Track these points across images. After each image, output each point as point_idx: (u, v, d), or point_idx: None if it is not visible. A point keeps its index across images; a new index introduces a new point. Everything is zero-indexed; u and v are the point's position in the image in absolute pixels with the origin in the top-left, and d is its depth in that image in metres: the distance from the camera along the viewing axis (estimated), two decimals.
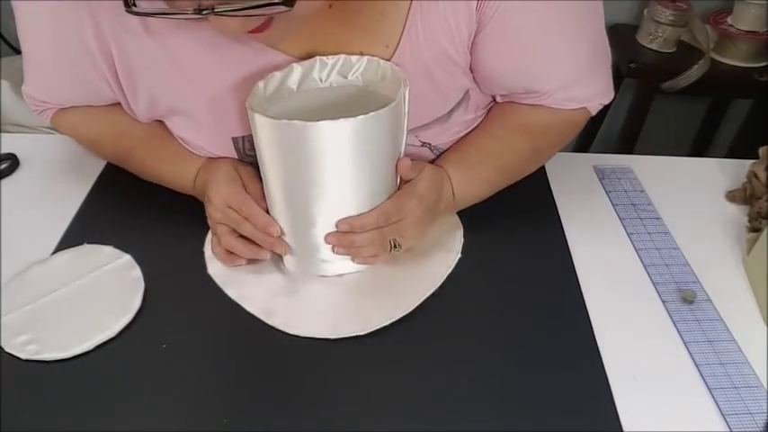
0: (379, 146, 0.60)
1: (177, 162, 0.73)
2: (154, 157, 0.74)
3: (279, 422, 0.55)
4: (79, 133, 0.77)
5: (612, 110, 1.94)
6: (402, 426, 0.55)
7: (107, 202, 0.77)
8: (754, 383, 0.60)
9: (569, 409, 0.57)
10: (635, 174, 0.86)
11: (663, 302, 0.68)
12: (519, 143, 0.73)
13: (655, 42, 1.67)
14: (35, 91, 0.73)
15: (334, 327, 0.62)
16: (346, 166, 0.58)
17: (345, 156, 0.58)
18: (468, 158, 0.72)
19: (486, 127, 0.74)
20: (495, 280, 0.69)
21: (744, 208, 0.82)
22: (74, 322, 0.61)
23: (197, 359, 0.59)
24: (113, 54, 0.63)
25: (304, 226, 0.63)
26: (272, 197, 0.64)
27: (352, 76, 0.64)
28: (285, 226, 0.65)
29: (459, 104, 0.70)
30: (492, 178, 0.73)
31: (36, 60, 0.69)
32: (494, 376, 0.59)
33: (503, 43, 0.64)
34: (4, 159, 0.81)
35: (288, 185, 0.61)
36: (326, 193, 0.60)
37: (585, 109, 0.73)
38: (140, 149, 0.74)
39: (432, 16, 0.62)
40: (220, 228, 0.67)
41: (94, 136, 0.76)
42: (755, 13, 1.61)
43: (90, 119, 0.75)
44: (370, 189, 0.62)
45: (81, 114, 0.74)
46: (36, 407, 0.55)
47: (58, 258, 0.68)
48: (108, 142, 0.76)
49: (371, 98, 0.64)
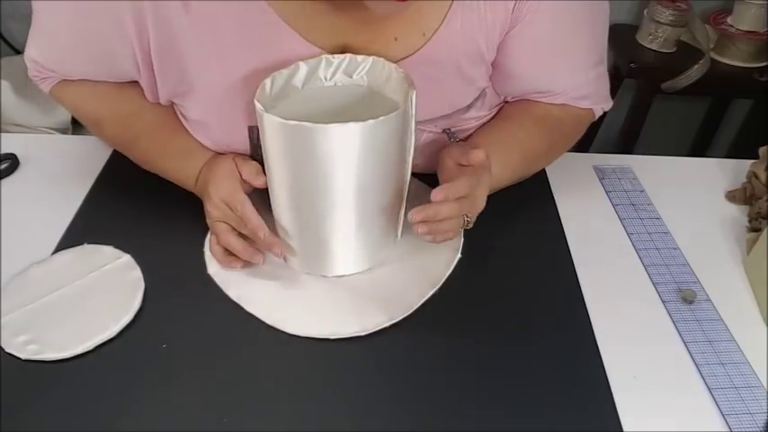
0: (387, 149, 0.60)
1: (182, 156, 0.72)
2: (159, 148, 0.73)
3: (279, 422, 0.55)
4: (81, 109, 0.75)
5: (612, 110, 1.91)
6: (401, 425, 0.55)
7: (107, 202, 0.77)
8: (754, 383, 0.60)
9: (569, 409, 0.57)
10: (635, 174, 0.86)
11: (663, 302, 0.68)
12: (539, 134, 0.75)
13: (655, 42, 1.67)
14: (42, 57, 0.69)
15: (335, 327, 0.62)
16: (353, 168, 0.58)
17: (353, 158, 0.57)
18: (502, 142, 0.73)
19: (511, 115, 0.76)
20: (495, 280, 0.69)
21: (744, 208, 0.82)
22: (74, 322, 0.61)
23: (197, 359, 0.59)
24: (149, 28, 0.61)
25: (309, 225, 0.63)
26: (277, 196, 0.63)
27: (357, 76, 0.64)
28: (290, 225, 0.65)
29: (476, 101, 0.72)
30: (518, 165, 0.75)
31: (51, 25, 0.66)
32: (494, 376, 0.59)
33: (531, 43, 0.67)
34: (4, 159, 0.81)
35: (294, 185, 0.61)
36: (333, 194, 0.60)
37: (591, 110, 0.78)
38: (146, 138, 0.73)
39: (471, 13, 0.64)
40: (219, 225, 0.67)
41: (97, 115, 0.74)
42: (755, 13, 1.61)
43: (97, 96, 0.72)
44: (378, 191, 0.62)
45: (88, 90, 0.72)
46: (36, 407, 0.55)
47: (58, 258, 0.68)
48: (111, 124, 0.74)
49: (376, 99, 0.64)
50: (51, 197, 0.77)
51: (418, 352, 0.61)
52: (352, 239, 0.65)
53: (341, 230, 0.63)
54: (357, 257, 0.67)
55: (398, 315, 0.63)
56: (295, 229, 0.65)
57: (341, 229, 0.63)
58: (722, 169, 0.88)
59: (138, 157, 0.75)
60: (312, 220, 0.63)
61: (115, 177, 0.80)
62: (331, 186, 0.59)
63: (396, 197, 0.65)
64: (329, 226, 0.63)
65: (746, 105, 1.93)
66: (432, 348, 0.61)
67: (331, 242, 0.64)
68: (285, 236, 0.66)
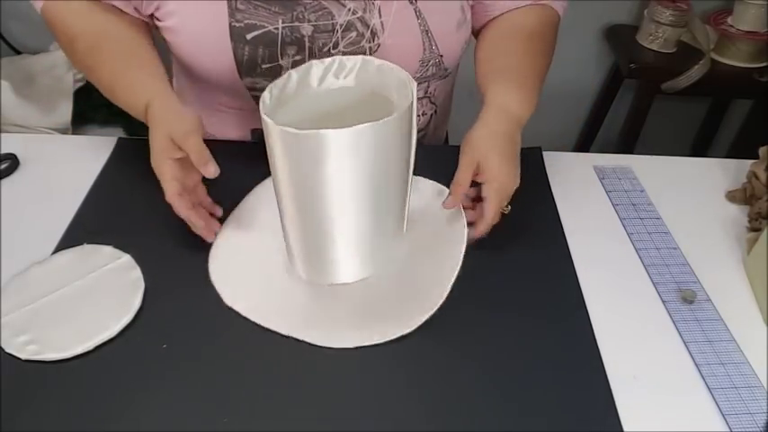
0: (393, 148, 0.59)
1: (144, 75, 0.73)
2: (124, 63, 0.74)
3: (279, 422, 0.55)
4: (61, 25, 0.78)
5: (612, 110, 1.94)
6: (401, 425, 0.55)
7: (107, 202, 0.77)
8: (754, 383, 0.60)
9: (569, 409, 0.57)
10: (635, 174, 0.86)
11: (663, 302, 0.68)
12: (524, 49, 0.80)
13: (655, 43, 1.67)
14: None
15: (337, 338, 0.61)
16: (353, 172, 0.58)
17: (351, 163, 0.57)
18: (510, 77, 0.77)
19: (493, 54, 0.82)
20: (494, 280, 0.69)
21: (744, 208, 0.82)
22: (74, 322, 0.61)
23: (197, 359, 0.59)
24: None
25: (315, 232, 0.63)
26: (283, 204, 0.63)
27: (346, 78, 0.64)
28: (295, 232, 0.64)
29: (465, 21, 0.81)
30: (531, 87, 0.77)
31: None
32: (493, 376, 0.59)
33: None
34: (4, 159, 0.81)
35: (299, 192, 0.60)
36: (339, 199, 0.59)
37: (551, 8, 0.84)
38: (110, 63, 0.75)
39: None
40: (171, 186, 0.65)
41: (73, 32, 0.77)
42: (755, 14, 1.61)
43: (74, 12, 0.76)
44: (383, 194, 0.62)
45: (68, 7, 0.77)
46: (36, 407, 0.55)
47: (58, 258, 0.68)
48: (82, 42, 0.76)
49: (372, 99, 0.64)
50: (51, 197, 0.77)
51: (417, 351, 0.61)
52: (353, 246, 0.64)
53: (344, 237, 0.63)
54: (361, 264, 0.66)
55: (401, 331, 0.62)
56: (303, 234, 0.64)
57: (344, 235, 0.63)
58: (722, 169, 0.88)
59: (102, 81, 0.76)
60: (315, 227, 0.62)
61: (115, 177, 0.80)
62: (338, 190, 0.59)
63: (400, 200, 0.65)
64: (336, 230, 0.62)
65: (746, 105, 1.94)
66: (431, 348, 0.61)
67: (333, 249, 0.64)
68: (293, 243, 0.66)
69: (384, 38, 0.78)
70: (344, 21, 0.77)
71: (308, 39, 0.77)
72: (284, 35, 0.76)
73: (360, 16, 0.77)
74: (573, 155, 0.89)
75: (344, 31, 0.77)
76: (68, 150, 0.86)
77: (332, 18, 0.77)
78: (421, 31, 0.78)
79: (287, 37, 0.76)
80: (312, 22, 0.76)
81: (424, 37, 0.79)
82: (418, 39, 0.78)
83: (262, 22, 0.75)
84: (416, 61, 0.80)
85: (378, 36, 0.78)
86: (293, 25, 0.76)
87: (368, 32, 0.77)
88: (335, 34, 0.77)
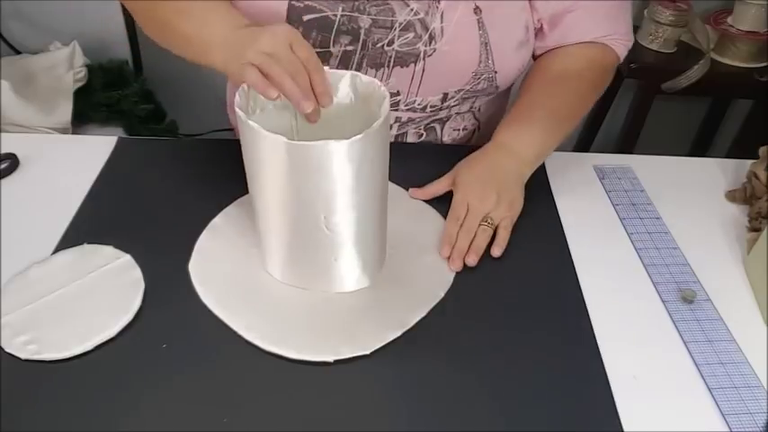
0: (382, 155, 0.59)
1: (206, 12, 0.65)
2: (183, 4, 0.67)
3: (279, 422, 0.55)
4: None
5: (612, 110, 1.94)
6: (400, 425, 0.55)
7: (107, 202, 0.77)
8: (754, 383, 0.60)
9: (569, 409, 0.57)
10: (635, 174, 0.86)
11: (663, 302, 0.68)
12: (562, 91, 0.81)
13: (655, 42, 1.67)
14: None
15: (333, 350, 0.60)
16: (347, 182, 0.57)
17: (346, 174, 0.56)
18: (519, 116, 0.79)
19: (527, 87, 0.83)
20: (494, 280, 0.69)
21: (744, 208, 0.82)
22: (74, 322, 0.61)
23: (197, 359, 0.59)
24: None
25: (301, 242, 0.62)
26: (268, 212, 0.62)
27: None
28: (279, 242, 0.63)
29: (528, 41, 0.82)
30: (548, 129, 0.79)
31: None
32: (493, 377, 0.59)
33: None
34: (4, 159, 0.81)
35: (286, 200, 0.59)
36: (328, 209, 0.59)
37: (611, 49, 0.84)
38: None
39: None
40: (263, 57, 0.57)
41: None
42: (755, 14, 1.61)
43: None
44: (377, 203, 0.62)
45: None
46: (36, 407, 0.55)
47: (58, 258, 0.68)
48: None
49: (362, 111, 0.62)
50: (51, 197, 0.77)
51: (417, 351, 0.61)
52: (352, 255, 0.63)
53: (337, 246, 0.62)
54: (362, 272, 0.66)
55: (396, 333, 0.61)
56: (288, 245, 0.63)
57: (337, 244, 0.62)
58: (722, 169, 0.88)
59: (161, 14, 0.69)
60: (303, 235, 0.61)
61: (115, 177, 0.80)
62: (330, 200, 0.58)
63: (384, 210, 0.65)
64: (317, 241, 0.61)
65: (746, 105, 1.94)
66: (430, 348, 0.61)
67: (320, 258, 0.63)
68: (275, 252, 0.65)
69: (441, 43, 0.77)
70: (404, 20, 0.76)
71: (365, 31, 0.76)
72: (341, 23, 0.75)
73: (421, 18, 0.76)
74: (573, 155, 0.89)
75: (402, 30, 0.76)
76: (68, 150, 0.86)
77: (392, 15, 0.76)
78: (480, 43, 0.77)
79: (343, 25, 0.75)
80: (372, 15, 0.75)
81: (482, 49, 0.78)
82: (476, 50, 0.78)
83: (321, 7, 0.75)
84: (469, 72, 0.80)
85: (435, 40, 0.77)
86: (352, 15, 0.75)
87: (426, 35, 0.76)
88: (393, 32, 0.77)
